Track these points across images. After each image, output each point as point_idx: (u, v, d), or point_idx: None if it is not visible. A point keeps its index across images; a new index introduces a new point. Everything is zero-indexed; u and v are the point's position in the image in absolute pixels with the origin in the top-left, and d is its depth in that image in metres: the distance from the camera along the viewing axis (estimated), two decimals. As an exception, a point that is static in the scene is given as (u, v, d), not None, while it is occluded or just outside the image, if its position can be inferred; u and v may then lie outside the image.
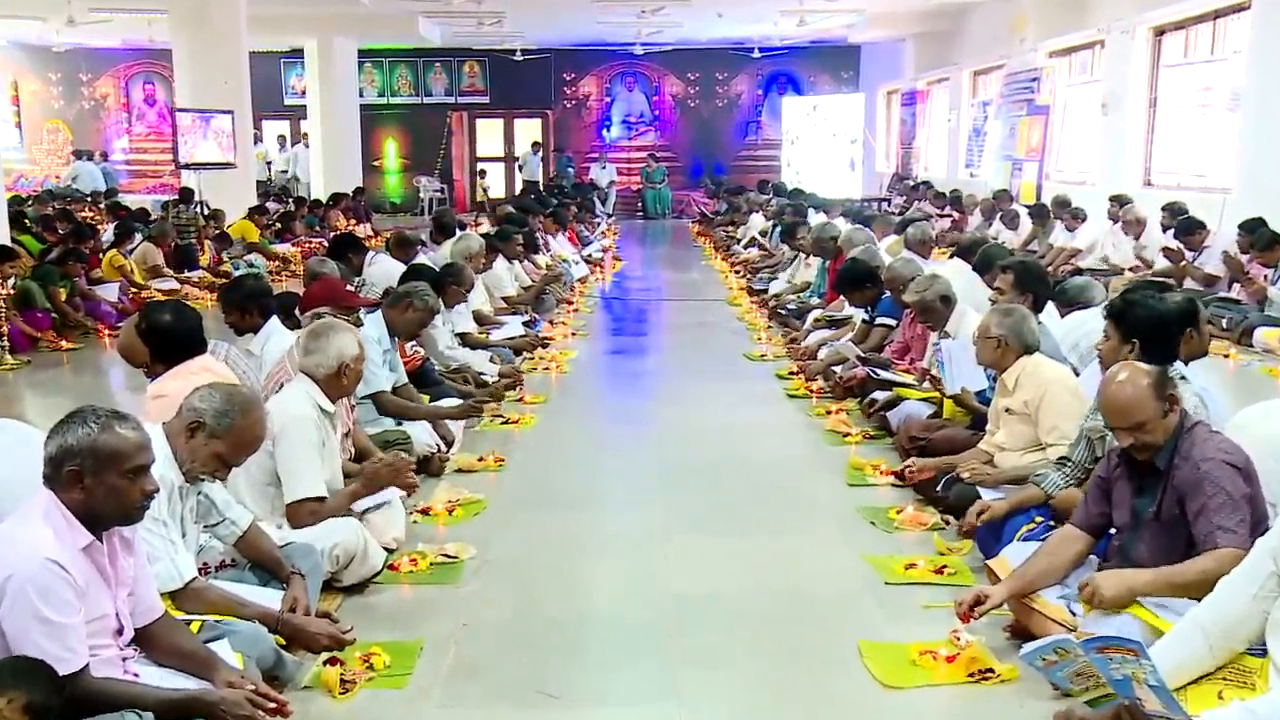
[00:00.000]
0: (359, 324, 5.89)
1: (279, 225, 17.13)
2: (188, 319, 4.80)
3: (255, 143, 25.28)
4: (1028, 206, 15.16)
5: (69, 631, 2.82)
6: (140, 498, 3.00)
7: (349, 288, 6.70)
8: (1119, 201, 12.55)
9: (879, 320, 7.83)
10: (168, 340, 4.65)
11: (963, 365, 5.86)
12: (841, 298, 9.32)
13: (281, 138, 26.24)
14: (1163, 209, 11.33)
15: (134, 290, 12.07)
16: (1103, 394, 3.73)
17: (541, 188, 24.53)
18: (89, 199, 20.35)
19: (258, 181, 22.43)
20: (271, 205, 18.85)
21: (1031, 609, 3.83)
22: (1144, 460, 3.67)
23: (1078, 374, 5.25)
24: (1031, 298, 5.80)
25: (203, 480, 3.67)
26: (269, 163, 25.80)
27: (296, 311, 6.33)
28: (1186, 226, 10.70)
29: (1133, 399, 3.61)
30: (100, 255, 12.38)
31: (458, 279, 7.97)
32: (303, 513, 4.40)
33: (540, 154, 27.14)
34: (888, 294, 7.70)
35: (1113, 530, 3.86)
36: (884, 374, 7.02)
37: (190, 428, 3.57)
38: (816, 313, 9.58)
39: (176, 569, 3.48)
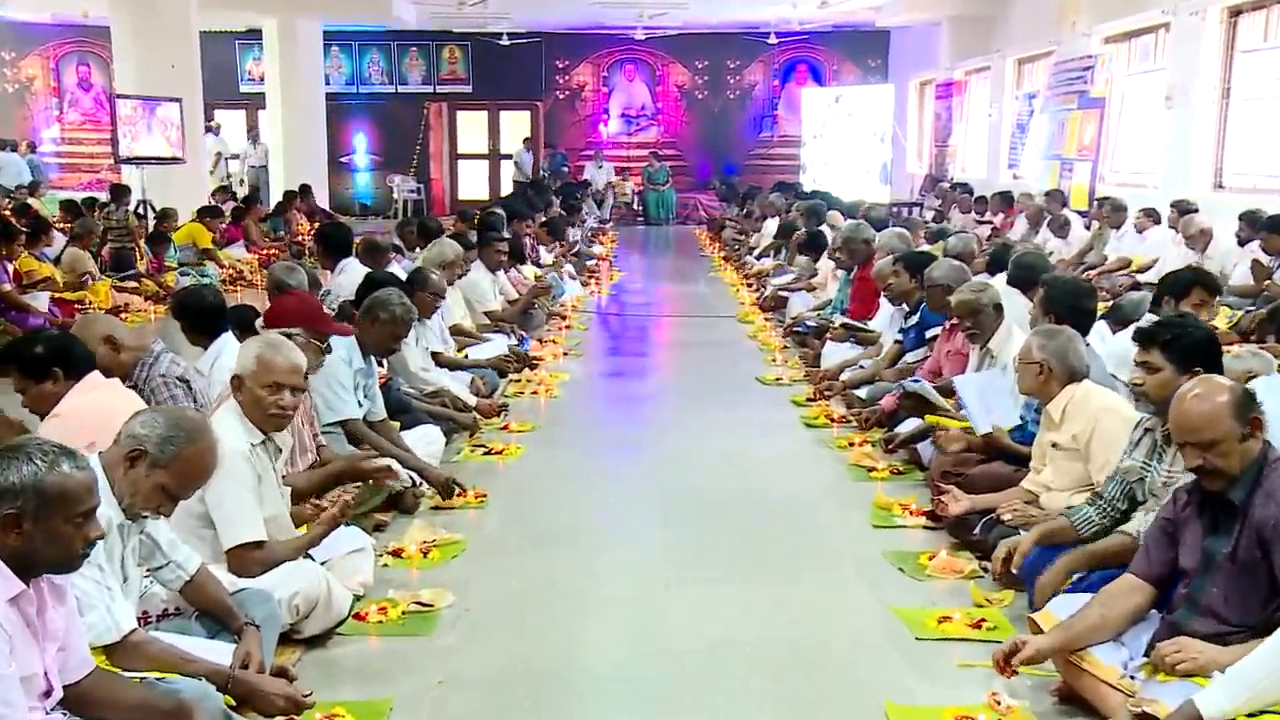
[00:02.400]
0: (328, 349, 5.83)
1: (229, 221, 17.02)
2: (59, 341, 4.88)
3: (215, 135, 25.46)
4: (1081, 211, 15.18)
5: (5, 682, 2.80)
6: (84, 545, 2.99)
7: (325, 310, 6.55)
8: (1179, 209, 12.54)
9: (929, 333, 7.81)
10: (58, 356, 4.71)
11: (990, 401, 5.92)
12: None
13: (253, 130, 26.14)
14: (1240, 218, 11.30)
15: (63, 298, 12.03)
16: (1174, 407, 3.75)
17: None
18: (11, 195, 20.33)
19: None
20: (227, 206, 18.84)
21: (1080, 669, 3.81)
22: (1216, 493, 3.67)
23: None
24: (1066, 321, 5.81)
25: (145, 517, 3.67)
26: (232, 156, 25.78)
27: (259, 325, 6.32)
28: (1273, 225, 10.53)
29: (1206, 414, 3.63)
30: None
31: (424, 284, 7.94)
32: (247, 561, 4.35)
33: (533, 151, 27.17)
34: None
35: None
36: (917, 386, 6.99)
37: (130, 457, 3.56)
38: (838, 320, 9.59)
39: (113, 619, 3.44)
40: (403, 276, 8.13)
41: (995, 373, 6.28)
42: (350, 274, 8.96)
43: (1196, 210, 12.26)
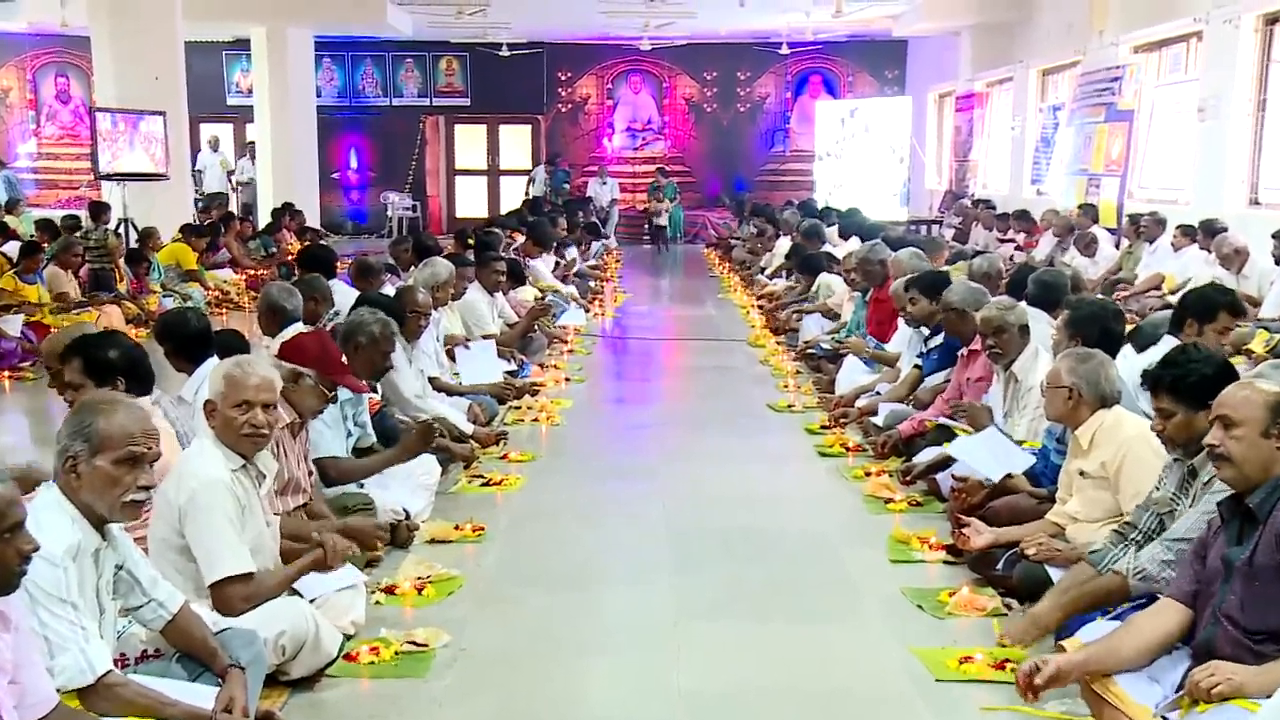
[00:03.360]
0: (332, 398, 5.81)
1: (208, 240, 16.94)
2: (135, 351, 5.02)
3: (213, 149, 25.53)
4: (1109, 229, 15.17)
5: None
6: (19, 561, 2.99)
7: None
8: (1206, 229, 12.53)
9: (962, 351, 7.76)
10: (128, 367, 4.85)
11: (995, 453, 5.94)
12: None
13: (250, 145, 26.15)
14: (1274, 236, 11.32)
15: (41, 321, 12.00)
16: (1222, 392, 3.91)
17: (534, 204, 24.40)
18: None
19: (214, 194, 22.51)
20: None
21: (1104, 702, 3.79)
22: (1238, 496, 3.76)
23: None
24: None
25: (140, 504, 3.66)
26: (230, 172, 25.86)
27: (272, 353, 6.28)
28: None
29: (1240, 395, 3.80)
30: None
31: (408, 303, 7.93)
32: (233, 597, 4.31)
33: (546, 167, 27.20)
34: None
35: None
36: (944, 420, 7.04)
37: (69, 468, 3.59)
38: (853, 338, 9.59)
39: (86, 660, 3.41)
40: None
41: (990, 431, 6.29)
42: (337, 296, 8.95)
43: (1225, 229, 12.26)
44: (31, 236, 15.48)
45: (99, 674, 3.44)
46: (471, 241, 13.56)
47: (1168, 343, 6.35)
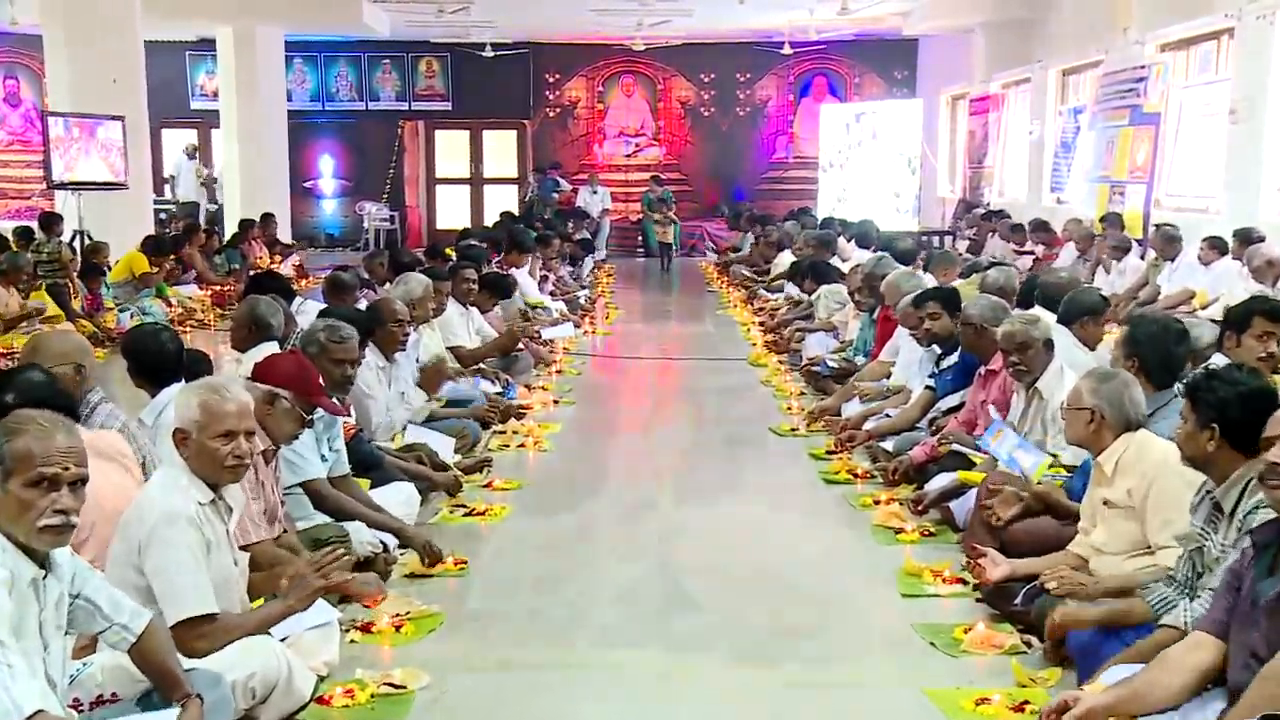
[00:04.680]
0: (309, 423, 5.79)
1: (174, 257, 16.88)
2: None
3: (190, 156, 25.64)
4: (1137, 240, 15.19)
5: None
6: None
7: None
8: (1241, 238, 12.55)
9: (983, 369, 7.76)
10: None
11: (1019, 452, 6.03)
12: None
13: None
14: (1304, 248, 11.36)
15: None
16: None
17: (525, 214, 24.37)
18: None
19: (188, 203, 22.47)
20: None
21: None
22: (1274, 522, 3.80)
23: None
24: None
25: (62, 529, 3.57)
26: (212, 180, 25.92)
27: (245, 374, 6.26)
28: None
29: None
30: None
31: (385, 313, 7.91)
32: (194, 638, 4.24)
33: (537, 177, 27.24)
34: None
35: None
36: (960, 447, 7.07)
37: None
38: (870, 386, 9.60)
39: (10, 700, 3.34)
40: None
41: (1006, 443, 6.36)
42: (310, 313, 8.95)
43: (1263, 238, 12.26)
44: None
45: (25, 715, 3.35)
46: (449, 251, 13.60)
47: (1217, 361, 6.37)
